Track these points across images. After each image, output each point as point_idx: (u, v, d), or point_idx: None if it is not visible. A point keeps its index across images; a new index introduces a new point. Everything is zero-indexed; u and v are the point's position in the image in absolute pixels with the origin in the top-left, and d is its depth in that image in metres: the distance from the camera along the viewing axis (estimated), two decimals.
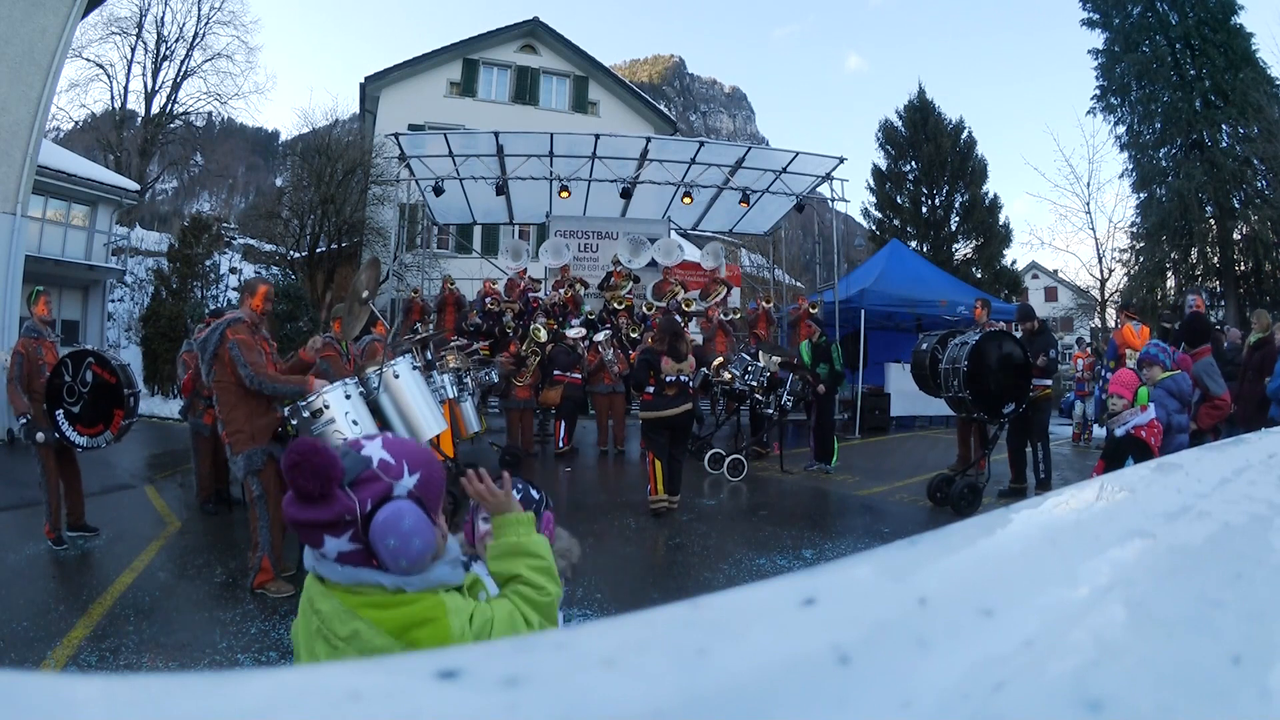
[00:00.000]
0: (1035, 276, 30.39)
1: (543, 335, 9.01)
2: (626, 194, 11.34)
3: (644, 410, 5.59)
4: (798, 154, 10.96)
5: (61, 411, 4.52)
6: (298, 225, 16.68)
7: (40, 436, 4.53)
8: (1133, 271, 19.31)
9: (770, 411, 7.34)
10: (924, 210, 21.67)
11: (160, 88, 25.65)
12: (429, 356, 6.33)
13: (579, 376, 8.62)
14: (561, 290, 10.40)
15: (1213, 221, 18.13)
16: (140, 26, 24.68)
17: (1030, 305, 6.73)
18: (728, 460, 6.94)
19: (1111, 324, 19.37)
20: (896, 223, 21.75)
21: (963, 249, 21.54)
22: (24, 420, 4.57)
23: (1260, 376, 5.78)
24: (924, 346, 6.22)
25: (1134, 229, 19.40)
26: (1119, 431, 3.50)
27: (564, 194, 11.30)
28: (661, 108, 23.64)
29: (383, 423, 4.16)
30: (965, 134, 21.88)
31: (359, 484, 1.02)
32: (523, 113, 18.73)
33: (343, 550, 1.02)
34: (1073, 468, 7.74)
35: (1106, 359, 8.12)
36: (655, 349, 5.55)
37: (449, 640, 1.03)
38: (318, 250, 16.77)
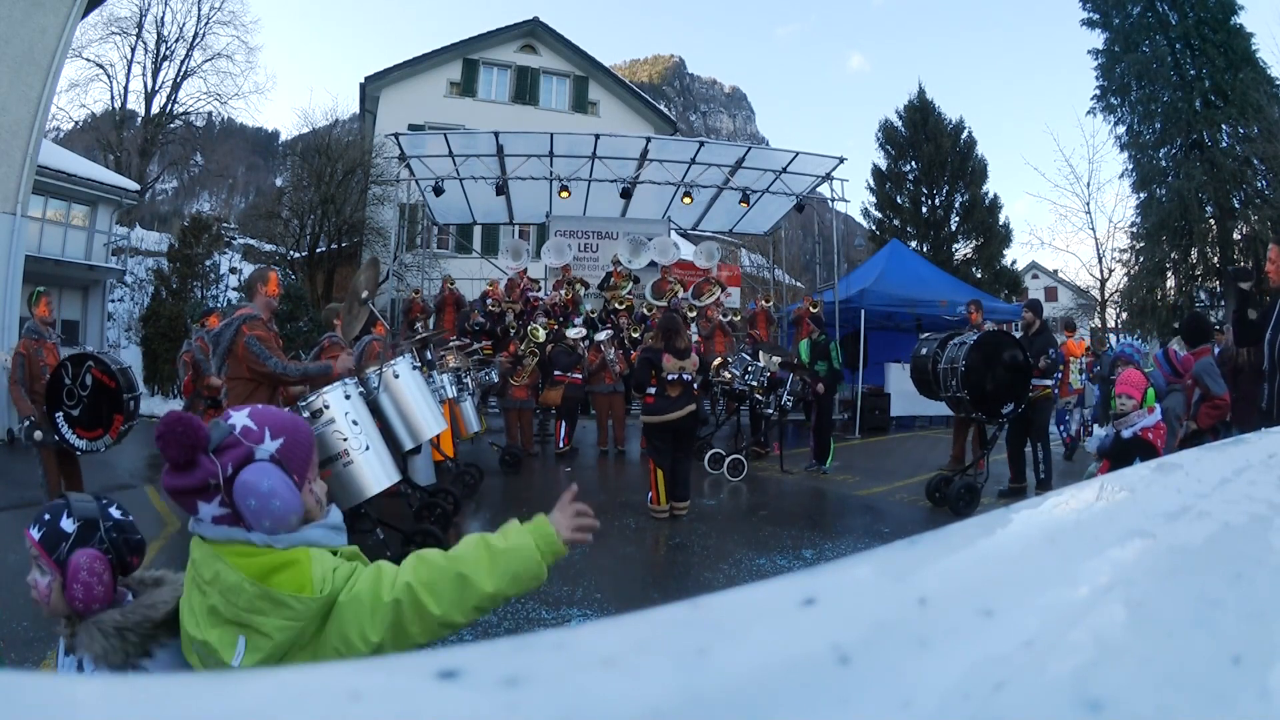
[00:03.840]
0: (1035, 276, 30.36)
1: (540, 335, 9.01)
2: (626, 194, 11.34)
3: (646, 414, 5.41)
4: (798, 154, 10.96)
5: (61, 414, 4.50)
6: (298, 225, 16.69)
7: (39, 435, 4.53)
8: (1133, 271, 19.31)
9: (770, 411, 7.33)
10: (924, 210, 21.67)
11: (160, 88, 25.69)
12: (429, 356, 6.33)
13: (579, 377, 8.61)
14: (562, 290, 10.40)
15: (1213, 221, 18.13)
16: (140, 26, 24.72)
17: (1039, 301, 6.67)
18: (728, 460, 6.93)
19: (1098, 324, 19.49)
20: (896, 223, 21.75)
21: (963, 249, 21.54)
22: (28, 422, 4.56)
23: (1258, 378, 5.75)
24: (924, 352, 6.18)
25: (1134, 229, 19.41)
26: (1126, 433, 3.49)
27: (564, 194, 11.31)
28: (661, 108, 23.65)
29: (383, 423, 4.16)
30: (965, 134, 21.88)
31: (221, 450, 1.09)
32: (523, 113, 18.73)
33: (215, 514, 1.09)
34: (1071, 469, 7.75)
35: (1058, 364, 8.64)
36: (656, 347, 5.45)
37: (309, 584, 1.08)
38: (318, 250, 16.78)
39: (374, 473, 3.66)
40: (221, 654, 1.09)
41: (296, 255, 16.77)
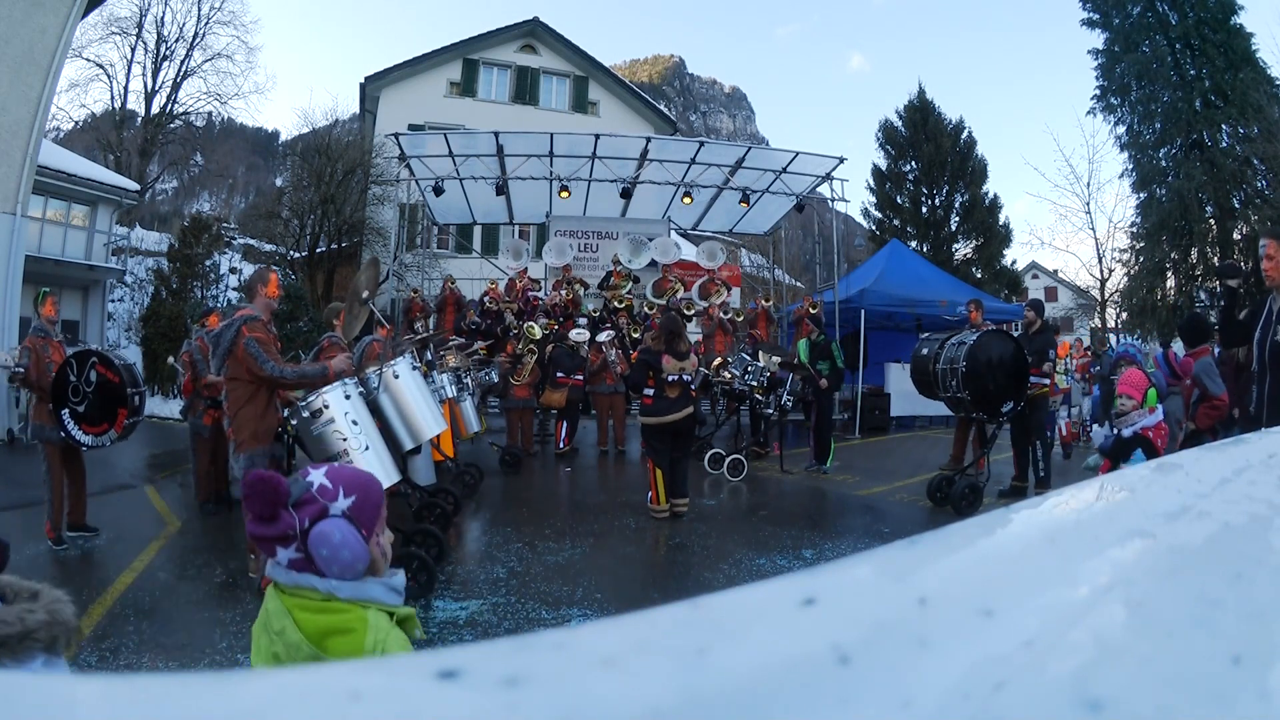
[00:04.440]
0: (1035, 276, 30.39)
1: (537, 334, 9.00)
2: (626, 194, 11.34)
3: (644, 415, 5.42)
4: (798, 154, 10.96)
5: (67, 411, 4.53)
6: (298, 225, 16.69)
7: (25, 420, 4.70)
8: (1133, 271, 19.31)
9: (770, 411, 7.33)
10: (924, 210, 21.68)
11: (160, 88, 25.70)
12: (429, 356, 6.33)
13: (581, 378, 8.61)
14: (562, 290, 10.39)
15: (1213, 221, 18.13)
16: (140, 26, 24.72)
17: (1041, 301, 6.69)
18: (728, 460, 6.93)
19: (1098, 324, 19.50)
20: (896, 223, 21.77)
21: (963, 249, 21.56)
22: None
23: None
24: (924, 352, 6.18)
25: (1134, 229, 19.41)
26: (1126, 432, 3.48)
27: (564, 194, 11.31)
28: (661, 108, 23.65)
29: (383, 423, 4.16)
30: (965, 134, 21.90)
31: (300, 505, 1.25)
32: (523, 113, 18.73)
33: (291, 558, 1.24)
34: (1070, 468, 7.75)
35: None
36: (654, 349, 5.45)
37: (359, 653, 1.20)
38: (318, 250, 16.78)
39: (373, 473, 3.66)
40: None
41: (296, 255, 16.77)
